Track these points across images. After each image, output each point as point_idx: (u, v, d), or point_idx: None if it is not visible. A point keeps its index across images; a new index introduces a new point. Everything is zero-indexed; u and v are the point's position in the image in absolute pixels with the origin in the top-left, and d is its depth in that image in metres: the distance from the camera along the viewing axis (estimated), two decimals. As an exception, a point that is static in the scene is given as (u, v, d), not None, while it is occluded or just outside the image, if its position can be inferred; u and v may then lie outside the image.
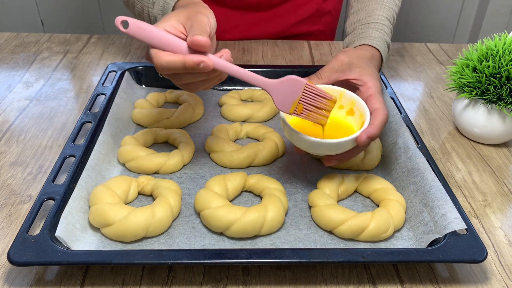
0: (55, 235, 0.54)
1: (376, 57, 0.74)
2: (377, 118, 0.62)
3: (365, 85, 0.66)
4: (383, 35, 0.76)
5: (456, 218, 0.57)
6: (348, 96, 0.66)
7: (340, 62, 0.68)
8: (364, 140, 0.60)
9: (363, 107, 0.64)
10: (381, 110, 0.62)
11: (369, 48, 0.74)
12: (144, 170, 0.69)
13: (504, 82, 0.73)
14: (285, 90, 0.58)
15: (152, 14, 0.76)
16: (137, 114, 0.81)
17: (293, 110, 0.58)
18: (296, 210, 0.64)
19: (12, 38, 1.12)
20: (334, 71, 0.68)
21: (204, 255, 0.53)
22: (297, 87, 0.58)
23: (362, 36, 0.76)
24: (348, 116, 0.67)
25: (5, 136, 0.79)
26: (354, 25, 0.80)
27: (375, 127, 0.61)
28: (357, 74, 0.67)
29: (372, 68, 0.69)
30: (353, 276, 0.56)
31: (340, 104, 0.67)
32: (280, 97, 0.58)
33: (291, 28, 1.14)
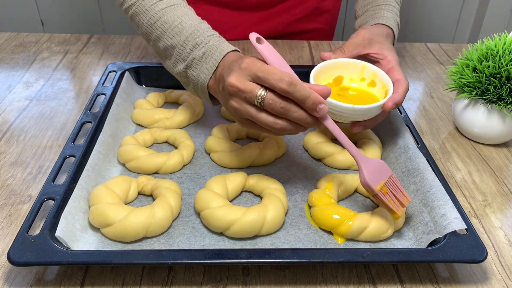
0: (55, 235, 0.54)
1: (390, 35, 0.79)
2: (401, 87, 0.67)
3: (386, 59, 0.72)
4: (394, 16, 0.82)
5: (456, 218, 0.57)
6: (370, 69, 0.72)
7: (361, 37, 0.74)
8: (390, 106, 0.65)
9: (386, 78, 0.70)
10: (403, 80, 0.68)
11: (384, 27, 0.79)
12: (144, 170, 0.69)
13: (504, 82, 0.73)
14: (374, 169, 0.60)
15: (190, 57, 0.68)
16: (137, 114, 0.81)
17: (380, 189, 0.59)
18: (296, 210, 0.64)
19: (12, 38, 1.12)
20: (356, 45, 0.74)
21: (204, 255, 0.53)
22: (385, 172, 0.60)
23: (375, 16, 0.81)
24: (370, 87, 0.72)
25: (5, 136, 0.79)
26: (365, 8, 0.85)
27: (400, 94, 0.66)
28: (377, 49, 0.73)
29: (389, 44, 0.75)
30: (353, 276, 0.56)
31: (362, 77, 0.73)
32: (369, 173, 0.59)
33: (290, 26, 1.14)
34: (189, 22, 0.68)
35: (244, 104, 0.57)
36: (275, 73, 0.54)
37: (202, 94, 0.69)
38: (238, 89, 0.56)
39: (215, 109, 0.86)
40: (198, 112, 0.83)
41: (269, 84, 0.55)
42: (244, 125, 0.61)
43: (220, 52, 0.65)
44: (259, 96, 0.55)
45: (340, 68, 0.73)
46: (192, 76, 0.68)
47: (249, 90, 0.56)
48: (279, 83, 0.54)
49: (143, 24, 0.72)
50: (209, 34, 0.67)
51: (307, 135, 0.77)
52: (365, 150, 0.73)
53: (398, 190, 0.60)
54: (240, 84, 0.56)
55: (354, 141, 0.77)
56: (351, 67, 0.73)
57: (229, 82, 0.57)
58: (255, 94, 0.55)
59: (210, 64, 0.65)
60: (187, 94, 0.86)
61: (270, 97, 0.55)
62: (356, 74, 0.73)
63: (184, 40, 0.68)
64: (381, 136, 0.78)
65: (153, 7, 0.70)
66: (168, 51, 0.70)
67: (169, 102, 0.88)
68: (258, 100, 0.55)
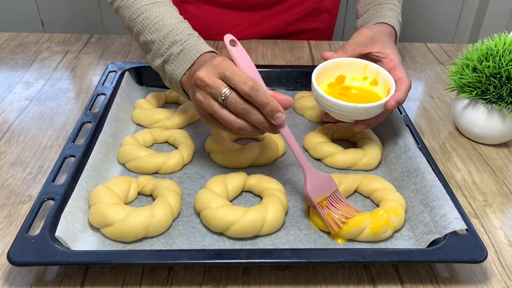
0: (55, 235, 0.54)
1: (392, 34, 0.80)
2: (403, 85, 0.68)
3: (388, 57, 0.72)
4: (396, 14, 0.83)
5: (456, 218, 0.57)
6: (372, 68, 0.72)
7: (363, 36, 0.74)
8: (393, 104, 0.66)
9: (388, 76, 0.70)
10: (405, 78, 0.69)
11: (386, 26, 0.80)
12: (144, 170, 0.69)
13: (504, 82, 0.73)
14: (319, 182, 0.61)
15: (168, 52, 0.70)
16: (137, 114, 0.81)
17: (318, 202, 0.60)
18: (296, 210, 0.64)
19: (12, 38, 1.12)
20: (358, 44, 0.74)
21: (204, 255, 0.53)
22: (330, 187, 0.62)
23: (377, 15, 0.82)
24: (372, 86, 0.73)
25: (5, 136, 0.79)
26: (366, 7, 0.86)
27: (402, 92, 0.67)
28: (379, 48, 0.73)
29: (391, 42, 0.75)
30: (353, 276, 0.56)
31: (364, 76, 0.73)
32: (313, 186, 0.61)
33: (289, 26, 1.14)
34: (170, 20, 0.71)
35: (209, 98, 0.59)
36: (240, 75, 0.57)
37: (177, 88, 0.72)
38: (205, 83, 0.59)
39: (215, 109, 0.86)
40: (198, 112, 0.83)
41: (234, 85, 0.57)
42: (206, 119, 0.63)
43: (197, 51, 0.68)
44: (223, 93, 0.58)
45: (342, 68, 0.73)
46: (168, 71, 0.71)
47: (215, 86, 0.58)
48: (242, 86, 0.56)
49: (125, 18, 0.74)
50: (188, 33, 0.70)
51: (307, 135, 0.77)
52: (365, 150, 0.73)
53: (341, 205, 0.61)
54: (208, 79, 0.58)
55: (354, 141, 0.77)
56: (353, 66, 0.73)
57: (198, 75, 0.59)
58: (220, 91, 0.58)
59: (186, 61, 0.68)
60: (187, 94, 0.86)
61: (233, 97, 0.57)
62: (358, 73, 0.73)
63: (164, 37, 0.70)
64: (381, 136, 0.78)
65: (136, 2, 0.73)
66: (148, 46, 0.73)
67: (169, 102, 0.88)
68: (222, 97, 0.58)
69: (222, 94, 0.58)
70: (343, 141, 0.79)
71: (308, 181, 0.61)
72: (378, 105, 0.66)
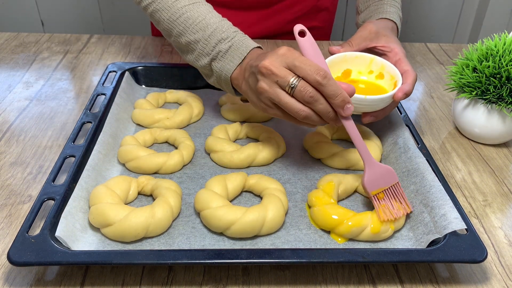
0: (55, 235, 0.54)
1: (394, 29, 0.81)
2: (409, 77, 0.69)
3: (393, 51, 0.73)
4: (397, 10, 0.84)
5: (456, 218, 0.57)
6: (378, 61, 0.73)
7: (368, 30, 0.76)
8: (401, 96, 0.67)
9: (394, 69, 0.71)
10: (411, 71, 0.70)
11: (388, 21, 0.81)
12: (144, 170, 0.69)
13: (504, 82, 0.73)
14: (380, 174, 0.62)
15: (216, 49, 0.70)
16: (137, 114, 0.81)
17: (375, 194, 0.62)
18: (296, 210, 0.64)
19: (12, 38, 1.12)
20: (363, 39, 0.76)
21: (204, 255, 0.53)
22: (390, 179, 0.62)
23: (379, 11, 0.83)
24: (378, 79, 0.74)
25: (5, 136, 0.79)
26: (367, 3, 0.87)
27: (409, 85, 0.68)
28: (384, 42, 0.75)
29: (395, 37, 0.77)
30: (353, 276, 0.56)
31: (370, 69, 0.75)
32: (371, 177, 0.62)
33: (288, 24, 1.14)
34: (212, 19, 0.72)
35: (274, 87, 0.60)
36: (312, 65, 0.58)
37: (225, 85, 0.72)
38: (272, 72, 0.59)
39: (215, 109, 0.86)
40: (198, 112, 0.83)
41: (304, 74, 0.58)
42: (266, 107, 0.63)
43: (246, 46, 0.69)
44: (292, 83, 0.59)
45: (348, 62, 0.74)
46: (216, 68, 0.71)
47: (283, 75, 0.59)
48: (314, 75, 0.58)
49: (164, 20, 0.74)
50: (234, 30, 0.72)
51: (307, 135, 0.77)
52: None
53: (399, 199, 0.62)
54: (275, 68, 0.59)
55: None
56: (359, 60, 0.74)
57: (263, 64, 0.60)
58: (288, 80, 0.59)
59: (236, 57, 0.69)
60: (187, 94, 0.86)
61: (302, 85, 0.58)
62: (364, 67, 0.75)
63: (209, 35, 0.71)
64: (381, 136, 0.78)
65: (175, 4, 0.73)
66: (190, 46, 0.73)
67: (169, 102, 0.88)
68: (290, 85, 0.59)
69: (291, 83, 0.59)
70: (343, 141, 0.79)
71: (367, 172, 0.62)
72: (387, 97, 0.67)
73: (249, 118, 0.82)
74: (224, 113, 0.84)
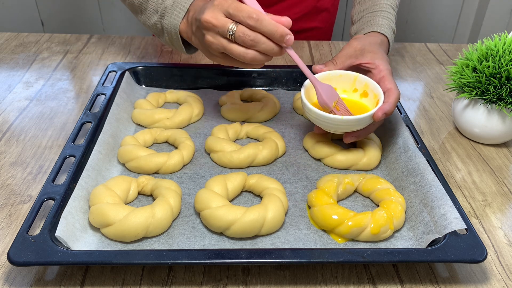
0: (55, 235, 0.54)
1: (384, 42, 0.80)
2: (391, 96, 0.68)
3: (377, 68, 0.72)
4: (389, 22, 0.82)
5: (456, 218, 0.57)
6: (362, 79, 0.73)
7: (353, 48, 0.75)
8: (380, 116, 0.66)
9: (377, 88, 0.70)
10: (394, 89, 0.69)
11: (378, 35, 0.80)
12: (144, 170, 0.69)
13: (504, 82, 0.73)
14: (327, 91, 0.69)
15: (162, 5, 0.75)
16: (137, 114, 0.81)
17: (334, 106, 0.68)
18: (296, 210, 0.64)
19: (12, 38, 1.12)
20: (348, 57, 0.74)
21: (204, 255, 0.53)
22: (335, 94, 0.70)
23: (370, 24, 0.82)
24: (362, 98, 0.74)
25: (5, 136, 0.79)
26: (361, 14, 0.86)
27: (389, 104, 0.67)
28: (369, 58, 0.73)
29: (382, 53, 0.74)
30: (353, 276, 0.56)
31: (354, 87, 0.74)
32: (325, 94, 0.68)
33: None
34: None
35: (218, 37, 0.63)
36: (243, 9, 0.61)
37: (177, 42, 0.75)
38: (212, 24, 0.62)
39: (215, 109, 0.86)
40: (198, 112, 0.83)
41: (239, 20, 0.61)
42: (218, 59, 0.68)
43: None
44: (230, 29, 0.62)
45: (332, 80, 0.73)
46: (166, 25, 0.74)
47: (221, 25, 0.62)
48: (247, 20, 0.61)
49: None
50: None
51: (307, 135, 0.77)
52: (365, 150, 0.73)
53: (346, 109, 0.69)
54: (214, 19, 0.62)
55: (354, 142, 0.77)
56: (343, 78, 0.74)
57: (204, 18, 0.63)
58: (227, 28, 0.62)
59: (180, 11, 0.72)
60: (187, 94, 0.86)
61: (241, 30, 0.61)
62: (348, 85, 0.74)
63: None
64: (381, 136, 0.78)
65: None
66: (142, 5, 0.77)
67: (169, 102, 0.88)
68: (229, 33, 0.62)
69: (230, 30, 0.61)
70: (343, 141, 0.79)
71: (320, 91, 0.67)
72: (365, 117, 0.66)
73: (249, 118, 0.82)
74: (224, 113, 0.84)
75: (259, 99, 0.87)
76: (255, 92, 0.89)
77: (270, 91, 0.92)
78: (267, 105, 0.83)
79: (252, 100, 0.89)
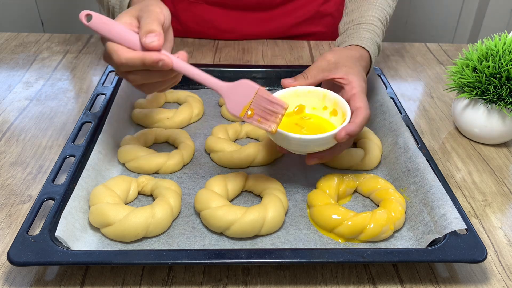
0: (55, 235, 0.54)
1: (364, 57, 0.73)
2: (359, 116, 0.62)
3: (350, 84, 0.66)
4: (374, 36, 0.76)
5: (456, 218, 0.57)
6: (331, 96, 0.67)
7: (327, 61, 0.69)
8: (343, 137, 0.60)
9: (345, 105, 0.64)
10: (363, 109, 0.63)
11: (358, 49, 0.73)
12: (144, 170, 0.69)
13: (504, 82, 0.73)
14: (237, 94, 0.58)
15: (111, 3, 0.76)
16: (137, 114, 0.81)
17: (244, 114, 0.57)
18: (296, 210, 0.64)
19: (12, 38, 1.12)
20: (320, 70, 0.68)
21: (204, 255, 0.53)
22: (249, 91, 0.58)
23: (352, 37, 0.76)
24: (332, 116, 0.67)
25: (5, 136, 0.79)
26: (346, 26, 0.80)
27: (355, 124, 0.61)
28: (343, 73, 0.67)
29: (358, 68, 0.68)
30: (353, 276, 0.56)
31: (324, 105, 0.68)
32: (232, 101, 0.58)
33: (291, 29, 1.14)
34: None
35: None
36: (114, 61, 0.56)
37: None
38: None
39: (215, 109, 0.86)
40: (198, 112, 0.83)
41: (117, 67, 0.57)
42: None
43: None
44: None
45: (301, 96, 0.68)
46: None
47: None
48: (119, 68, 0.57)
49: None
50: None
51: (307, 135, 0.76)
52: (365, 150, 0.73)
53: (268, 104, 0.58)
54: None
55: (354, 141, 0.77)
56: (312, 95, 0.68)
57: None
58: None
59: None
60: (187, 94, 0.86)
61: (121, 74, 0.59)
62: (318, 102, 0.68)
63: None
64: (381, 136, 0.77)
65: None
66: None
67: (169, 102, 0.88)
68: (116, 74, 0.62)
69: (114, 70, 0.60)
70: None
71: (226, 98, 0.58)
72: (326, 137, 0.60)
73: (249, 118, 0.82)
74: (224, 113, 0.84)
75: (259, 99, 0.87)
76: (255, 92, 0.88)
77: (270, 91, 0.92)
78: (267, 105, 0.83)
79: (252, 100, 0.89)
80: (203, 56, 1.05)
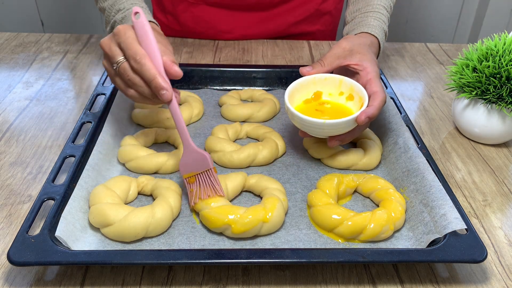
0: (55, 235, 0.54)
1: (374, 44, 0.78)
2: (376, 100, 0.66)
3: (365, 70, 0.70)
4: (381, 23, 0.81)
5: (456, 218, 0.57)
6: (347, 82, 0.71)
7: (342, 48, 0.73)
8: (363, 120, 0.65)
9: (362, 90, 0.69)
10: (380, 92, 0.67)
11: (368, 36, 0.78)
12: (144, 170, 0.69)
13: (504, 82, 0.73)
14: (195, 159, 0.63)
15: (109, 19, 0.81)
16: (137, 114, 0.81)
17: (186, 177, 0.63)
18: (296, 210, 0.64)
19: (12, 38, 1.12)
20: (336, 57, 0.72)
21: (204, 255, 0.53)
22: (203, 166, 0.62)
23: (361, 25, 0.81)
24: (348, 101, 0.72)
25: (5, 136, 0.79)
26: (353, 14, 0.85)
27: (373, 108, 0.65)
28: (357, 60, 0.71)
29: (371, 54, 0.73)
30: (353, 276, 0.56)
31: (340, 91, 0.73)
32: (187, 160, 0.63)
33: (291, 27, 1.14)
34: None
35: (109, 65, 0.64)
36: (132, 48, 0.59)
37: None
38: (105, 51, 0.63)
39: (215, 109, 0.86)
40: (198, 112, 0.83)
41: (126, 56, 0.60)
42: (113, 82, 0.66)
43: None
44: (116, 62, 0.61)
45: (318, 84, 0.73)
46: None
47: (111, 55, 0.62)
48: (130, 59, 0.60)
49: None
50: (132, 2, 0.76)
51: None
52: (365, 150, 0.73)
53: (208, 185, 0.62)
54: (107, 47, 0.62)
55: (354, 141, 0.77)
56: (329, 81, 0.73)
57: (101, 42, 0.63)
58: (115, 60, 0.61)
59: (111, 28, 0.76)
60: (187, 94, 0.86)
61: (123, 67, 0.61)
62: (334, 88, 0.73)
63: (112, 4, 0.80)
64: (381, 136, 0.77)
65: None
66: (102, 12, 0.83)
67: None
68: (114, 66, 0.62)
69: (115, 63, 0.61)
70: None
71: (183, 155, 0.63)
72: (347, 121, 0.65)
73: (249, 118, 0.82)
74: (224, 113, 0.84)
75: (259, 99, 0.87)
76: (255, 92, 0.89)
77: (270, 91, 0.92)
78: (267, 105, 0.83)
79: (252, 100, 0.89)
80: (203, 56, 1.05)
